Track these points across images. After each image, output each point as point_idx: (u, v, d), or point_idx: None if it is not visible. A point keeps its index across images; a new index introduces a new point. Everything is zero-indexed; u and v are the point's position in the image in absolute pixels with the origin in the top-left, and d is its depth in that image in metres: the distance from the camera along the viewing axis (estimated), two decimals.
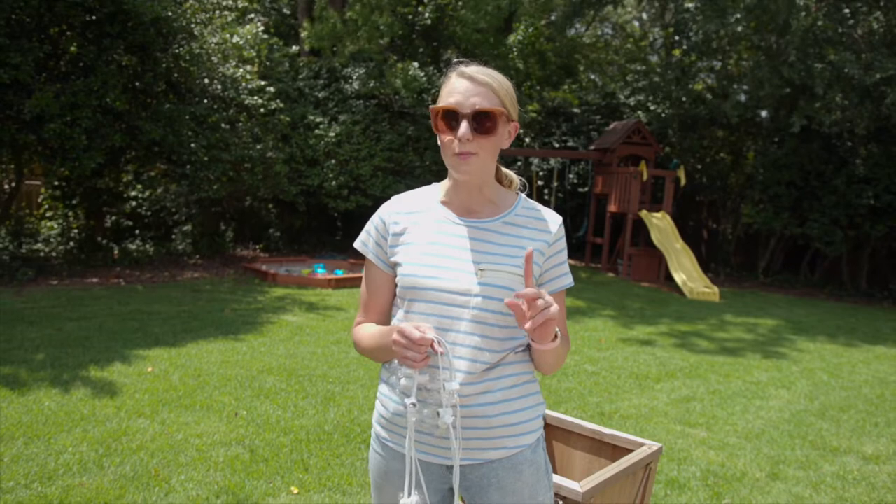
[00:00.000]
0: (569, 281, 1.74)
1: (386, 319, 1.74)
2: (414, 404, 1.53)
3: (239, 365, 5.61)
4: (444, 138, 1.61)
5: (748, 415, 5.24)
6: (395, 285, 1.71)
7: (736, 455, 4.39)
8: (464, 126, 1.57)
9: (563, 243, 1.72)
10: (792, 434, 4.88)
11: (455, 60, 1.68)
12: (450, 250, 1.64)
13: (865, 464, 4.42)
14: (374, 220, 1.72)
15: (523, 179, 1.84)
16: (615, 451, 2.23)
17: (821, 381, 6.41)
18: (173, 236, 12.43)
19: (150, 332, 6.48)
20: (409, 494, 1.55)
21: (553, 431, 2.39)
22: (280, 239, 13.42)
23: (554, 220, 1.72)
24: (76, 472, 3.57)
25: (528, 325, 1.45)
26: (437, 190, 1.73)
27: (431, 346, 1.47)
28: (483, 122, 1.58)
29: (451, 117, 1.59)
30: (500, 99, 1.61)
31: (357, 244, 1.77)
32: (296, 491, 3.50)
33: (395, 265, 1.68)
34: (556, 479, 1.86)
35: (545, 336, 1.50)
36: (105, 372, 5.19)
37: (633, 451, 2.17)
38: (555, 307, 1.45)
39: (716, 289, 11.12)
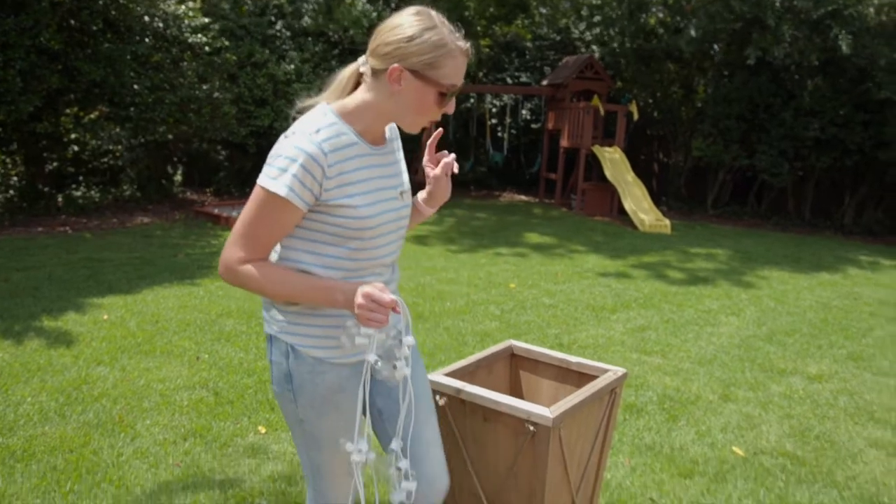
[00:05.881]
0: None
1: (267, 257, 1.66)
2: (377, 360, 1.60)
3: (197, 309, 5.55)
4: (429, 106, 1.64)
5: (701, 341, 5.44)
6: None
7: (690, 380, 4.57)
8: (453, 104, 1.67)
9: None
10: (742, 358, 5.08)
11: (454, 30, 1.64)
12: (379, 181, 1.71)
13: (810, 383, 4.64)
14: (306, 164, 1.55)
15: None
16: (581, 378, 2.30)
17: (768, 307, 6.66)
18: (119, 181, 12.06)
19: (102, 279, 6.34)
20: (359, 442, 1.67)
21: (520, 361, 2.44)
22: (230, 182, 13.15)
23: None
24: (37, 421, 3.53)
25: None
26: (342, 119, 1.65)
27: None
28: None
29: (453, 96, 1.65)
30: None
31: (281, 190, 1.56)
32: (263, 430, 3.53)
33: (332, 206, 1.62)
34: (526, 405, 1.91)
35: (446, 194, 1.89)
36: (59, 321, 5.08)
37: (598, 377, 2.23)
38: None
39: (667, 221, 11.34)
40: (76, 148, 11.55)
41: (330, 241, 1.66)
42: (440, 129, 1.87)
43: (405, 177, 1.83)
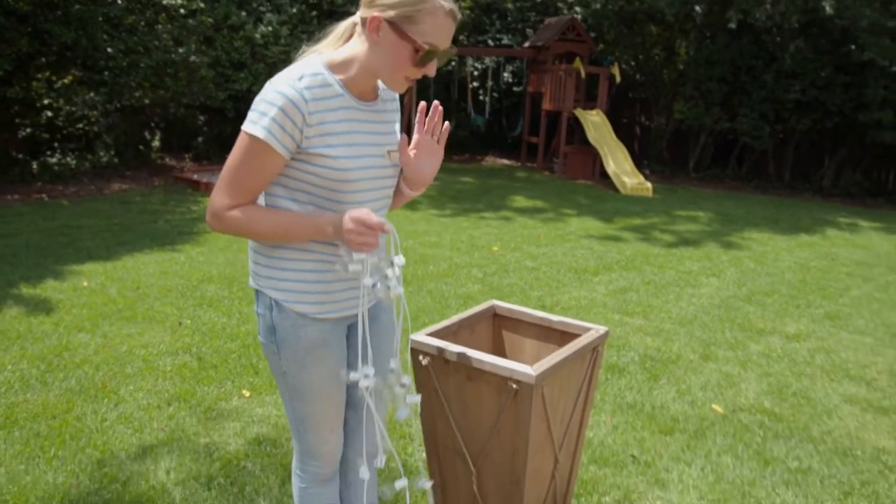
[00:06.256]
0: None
1: (254, 202, 1.67)
2: (375, 284, 1.66)
3: (178, 275, 5.51)
4: (403, 62, 1.60)
5: (681, 302, 5.49)
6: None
7: (671, 340, 4.62)
8: (434, 67, 1.64)
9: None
10: (722, 318, 5.14)
11: None
12: (364, 137, 1.69)
13: (788, 342, 4.72)
14: (286, 108, 1.55)
15: None
16: (563, 336, 2.31)
17: (748, 268, 6.73)
18: (96, 148, 11.85)
19: (81, 246, 6.26)
20: (364, 367, 1.72)
21: (503, 321, 2.45)
22: (209, 147, 12.97)
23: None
24: (19, 389, 3.50)
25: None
26: (329, 70, 1.64)
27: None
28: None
29: (431, 57, 1.61)
30: None
31: (262, 134, 1.56)
32: (247, 394, 3.53)
33: (311, 155, 1.61)
34: (509, 363, 1.92)
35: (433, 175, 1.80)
36: (38, 289, 5.02)
37: (580, 335, 2.25)
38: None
39: (649, 184, 11.37)
40: (50, 113, 11.31)
41: (310, 190, 1.66)
42: (447, 124, 1.78)
43: (396, 137, 1.78)
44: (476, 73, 15.46)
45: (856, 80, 11.88)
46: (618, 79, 12.98)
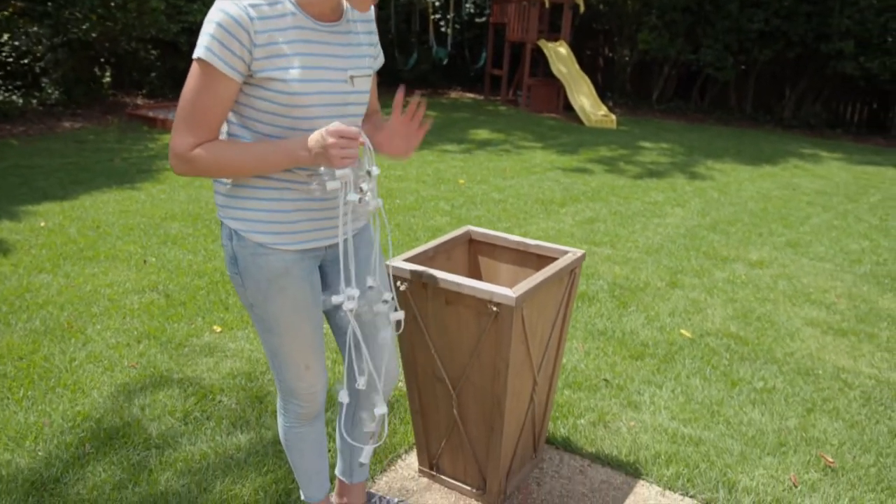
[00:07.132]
0: (382, 56, 1.85)
1: (217, 136, 1.59)
2: (361, 199, 1.60)
3: (140, 213, 5.37)
4: None
5: (648, 232, 5.55)
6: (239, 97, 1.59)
7: (638, 268, 4.68)
8: None
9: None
10: (687, 247, 5.22)
11: None
12: (321, 59, 1.59)
13: (751, 269, 4.82)
14: (229, 27, 1.46)
15: None
16: (540, 260, 2.31)
17: (712, 198, 6.81)
18: (43, 85, 11.35)
19: (35, 186, 6.05)
20: (349, 288, 1.69)
21: (479, 246, 2.44)
22: (163, 83, 12.53)
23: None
24: None
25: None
26: None
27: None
28: None
29: None
30: None
31: (204, 55, 1.47)
32: (219, 329, 3.49)
33: (262, 79, 1.53)
34: (489, 286, 1.92)
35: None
36: None
37: (557, 259, 2.25)
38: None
39: (613, 116, 11.35)
40: None
41: (263, 119, 1.58)
42: (427, 121, 1.72)
43: (365, 62, 1.68)
44: (437, 3, 15.07)
45: (817, 10, 11.87)
46: (582, 8, 12.78)
